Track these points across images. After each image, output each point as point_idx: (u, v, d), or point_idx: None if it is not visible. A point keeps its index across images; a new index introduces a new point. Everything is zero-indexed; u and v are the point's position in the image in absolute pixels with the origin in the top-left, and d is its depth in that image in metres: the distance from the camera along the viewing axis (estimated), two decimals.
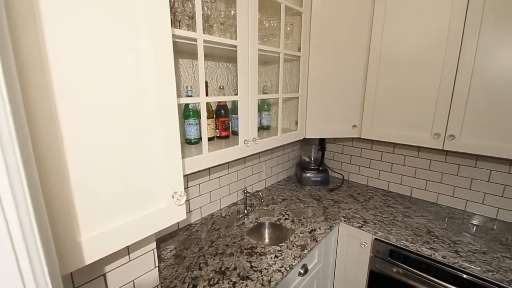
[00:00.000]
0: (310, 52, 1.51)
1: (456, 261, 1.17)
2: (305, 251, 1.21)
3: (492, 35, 1.18)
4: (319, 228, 1.41)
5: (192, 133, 1.13)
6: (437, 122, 1.38)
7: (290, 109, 1.65)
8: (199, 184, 1.43)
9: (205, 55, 1.19)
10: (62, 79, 0.49)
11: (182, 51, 1.15)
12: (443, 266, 1.23)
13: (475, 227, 1.44)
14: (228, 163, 1.58)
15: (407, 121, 1.49)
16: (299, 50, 1.49)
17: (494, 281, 1.10)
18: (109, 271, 0.76)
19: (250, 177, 1.78)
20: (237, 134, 1.15)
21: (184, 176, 1.26)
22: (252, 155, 1.69)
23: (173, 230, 1.36)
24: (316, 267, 1.41)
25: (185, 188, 1.35)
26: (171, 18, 0.98)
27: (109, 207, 0.59)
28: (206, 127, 0.99)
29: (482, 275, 1.12)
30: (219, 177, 1.55)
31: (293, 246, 1.25)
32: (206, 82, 1.23)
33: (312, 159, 2.09)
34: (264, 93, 1.53)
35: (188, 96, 1.09)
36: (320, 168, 2.03)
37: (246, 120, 1.15)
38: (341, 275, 1.63)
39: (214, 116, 1.26)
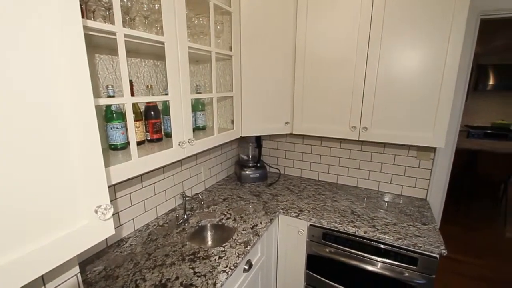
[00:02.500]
0: (241, 51, 1.53)
1: (374, 234, 1.37)
2: (249, 247, 1.23)
3: (390, 42, 1.41)
4: (261, 223, 1.45)
5: (117, 138, 1.01)
6: (353, 117, 1.58)
7: (225, 108, 1.64)
8: (130, 193, 1.30)
9: (128, 51, 1.09)
10: None
11: (99, 45, 1.02)
12: (365, 240, 1.42)
13: (386, 204, 1.71)
14: (162, 167, 1.48)
15: (330, 117, 1.66)
16: (230, 49, 1.50)
17: (404, 247, 1.33)
18: None
19: (188, 180, 1.71)
20: (171, 136, 1.09)
21: (110, 186, 1.13)
22: (189, 157, 1.62)
23: (101, 248, 1.20)
24: (260, 260, 1.45)
25: (112, 200, 1.21)
26: (82, 7, 0.86)
27: (7, 233, 0.48)
28: (134, 130, 0.90)
29: (394, 243, 1.34)
30: (154, 183, 1.44)
31: (236, 244, 1.26)
32: (131, 81, 1.12)
33: (250, 156, 2.13)
34: (197, 92, 1.48)
35: (109, 96, 0.97)
36: (258, 164, 2.09)
37: (180, 121, 1.09)
38: (282, 264, 1.72)
39: (143, 118, 1.16)
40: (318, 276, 1.60)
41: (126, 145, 1.04)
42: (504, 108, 5.00)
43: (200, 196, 1.50)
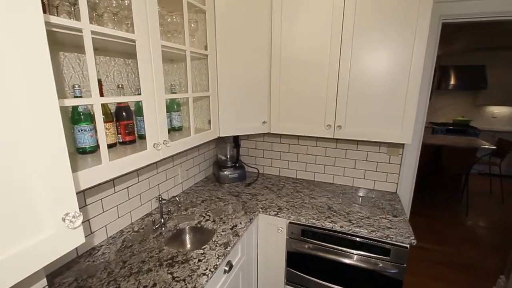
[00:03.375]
0: (217, 50, 1.52)
1: (350, 228, 1.42)
2: (229, 248, 1.22)
3: (361, 44, 1.47)
4: (240, 223, 1.45)
5: (86, 141, 0.95)
6: (328, 115, 1.63)
7: (202, 108, 1.62)
8: (101, 199, 1.23)
9: (96, 49, 1.03)
10: None
11: (64, 43, 0.96)
12: (341, 234, 1.47)
13: (361, 198, 1.79)
14: (136, 170, 1.42)
15: (306, 116, 1.69)
16: (206, 48, 1.48)
17: (377, 238, 1.40)
18: None
19: (164, 183, 1.66)
20: (145, 138, 1.05)
21: (79, 192, 1.07)
22: (165, 159, 1.58)
23: (72, 258, 1.13)
24: (241, 260, 1.45)
25: (82, 207, 1.14)
26: (44, 3, 0.80)
27: None
28: (104, 132, 0.85)
29: (368, 235, 1.40)
30: (127, 187, 1.38)
31: (216, 245, 1.24)
32: (100, 80, 1.06)
33: (228, 156, 2.12)
34: (172, 92, 1.44)
35: (76, 97, 0.91)
36: (237, 164, 2.09)
37: (154, 122, 1.06)
38: (263, 262, 1.73)
39: (114, 119, 1.11)
40: (298, 272, 1.63)
41: (95, 148, 0.98)
42: (464, 106, 5.44)
43: (177, 198, 1.47)
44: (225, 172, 2.01)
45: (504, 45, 4.56)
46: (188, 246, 1.45)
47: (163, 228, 1.39)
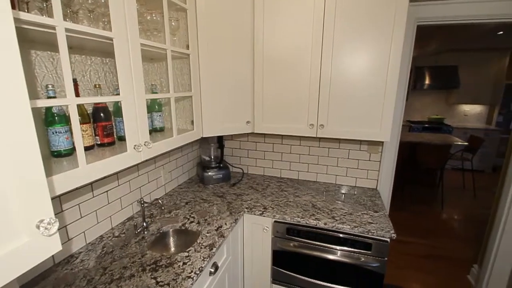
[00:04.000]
0: (199, 50, 1.50)
1: (334, 224, 1.46)
2: (214, 250, 1.21)
3: (341, 46, 1.50)
4: (225, 224, 1.44)
5: (61, 143, 0.91)
6: (311, 115, 1.66)
7: (184, 108, 1.59)
8: (79, 204, 1.18)
9: (70, 47, 0.99)
10: None
11: (35, 40, 0.91)
12: (325, 231, 1.50)
13: (343, 195, 1.83)
14: (116, 173, 1.38)
15: (289, 115, 1.71)
16: (187, 47, 1.45)
17: (359, 234, 1.44)
18: None
19: (146, 185, 1.61)
20: (125, 140, 1.01)
21: (54, 198, 1.02)
22: (146, 161, 1.54)
23: (48, 267, 1.07)
24: (226, 261, 1.44)
25: (57, 213, 1.09)
26: None
27: None
28: (81, 135, 0.82)
29: (351, 231, 1.44)
30: (107, 191, 1.33)
31: (201, 247, 1.23)
32: (75, 80, 1.02)
33: (212, 157, 2.10)
34: (153, 92, 1.41)
35: (49, 97, 0.87)
36: (221, 165, 2.07)
37: (134, 123, 1.03)
38: (249, 262, 1.73)
39: (91, 120, 1.07)
40: (283, 271, 1.64)
41: (71, 151, 0.94)
42: (438, 105, 5.71)
43: (160, 201, 1.43)
44: (210, 173, 1.99)
45: (475, 47, 4.84)
46: (172, 249, 1.43)
47: (145, 232, 1.36)
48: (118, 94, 0.97)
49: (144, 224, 1.38)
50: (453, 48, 4.88)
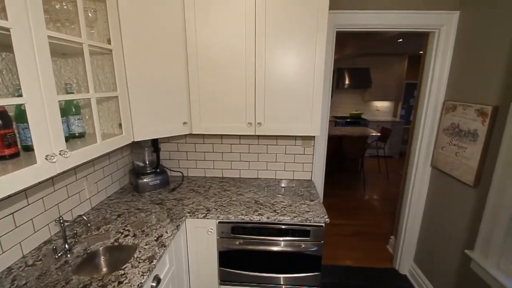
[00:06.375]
0: (123, 45, 1.36)
1: (276, 217, 1.52)
2: (154, 262, 1.13)
3: (273, 47, 1.57)
4: (166, 232, 1.35)
5: None
6: (248, 113, 1.69)
7: (110, 110, 1.42)
8: None
9: None
10: None
11: None
12: (269, 225, 1.56)
13: (283, 189, 1.93)
14: (24, 190, 1.15)
15: (228, 114, 1.71)
16: (109, 42, 1.30)
17: (299, 223, 1.54)
18: None
19: (66, 201, 1.39)
20: (33, 149, 0.85)
21: None
22: (64, 172, 1.33)
23: None
24: (170, 271, 1.36)
25: None
26: None
27: None
28: None
29: (291, 221, 1.53)
30: (12, 213, 1.09)
31: (139, 262, 1.12)
32: None
33: (147, 162, 1.94)
34: (68, 92, 1.22)
35: None
36: (158, 170, 1.93)
37: (44, 129, 0.87)
38: (195, 268, 1.67)
39: None
40: (231, 270, 1.64)
41: None
42: (356, 101, 6.56)
43: (85, 217, 1.25)
44: (145, 180, 1.84)
45: (382, 52, 5.72)
46: (105, 269, 1.27)
47: (68, 255, 1.17)
48: (21, 96, 0.80)
49: (66, 246, 1.19)
50: (366, 52, 5.66)
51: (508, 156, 1.32)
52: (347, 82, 6.15)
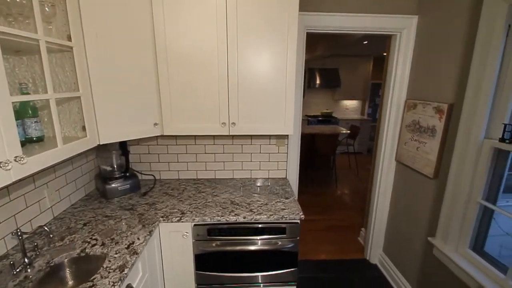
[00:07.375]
0: (85, 42, 1.27)
1: (252, 217, 1.53)
2: (126, 270, 1.07)
3: (245, 47, 1.57)
4: (138, 239, 1.30)
5: None
6: (222, 113, 1.67)
7: (71, 112, 1.32)
8: None
9: None
10: None
11: None
12: (246, 225, 1.56)
13: (259, 188, 1.94)
14: None
15: (201, 115, 1.67)
16: (69, 38, 1.21)
17: (275, 221, 1.55)
18: None
19: (24, 211, 1.27)
20: None
21: None
22: (19, 180, 1.22)
23: None
24: (143, 279, 1.30)
25: None
26: None
27: None
28: None
29: (268, 220, 1.54)
30: None
31: (109, 272, 1.06)
32: None
33: (115, 166, 1.84)
34: (23, 93, 1.11)
35: None
36: (127, 174, 1.84)
37: None
38: (170, 273, 1.62)
39: None
40: (208, 273, 1.62)
41: None
42: (327, 100, 6.80)
43: (46, 228, 1.15)
44: (113, 185, 1.74)
45: (350, 53, 5.99)
46: (71, 282, 1.18)
47: (29, 270, 1.07)
48: None
49: (26, 260, 1.09)
50: (335, 53, 5.89)
51: (462, 149, 1.45)
52: (318, 82, 6.35)
